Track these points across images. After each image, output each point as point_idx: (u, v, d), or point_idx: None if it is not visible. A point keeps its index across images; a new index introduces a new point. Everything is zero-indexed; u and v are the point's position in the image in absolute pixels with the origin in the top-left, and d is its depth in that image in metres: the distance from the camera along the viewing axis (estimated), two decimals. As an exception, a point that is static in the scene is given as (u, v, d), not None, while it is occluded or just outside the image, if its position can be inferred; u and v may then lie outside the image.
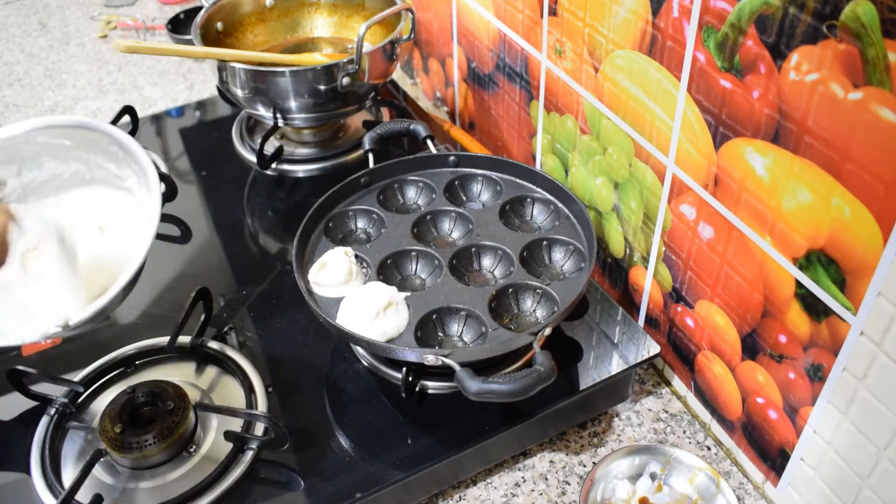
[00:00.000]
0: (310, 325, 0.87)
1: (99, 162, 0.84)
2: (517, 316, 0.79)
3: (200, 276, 0.98)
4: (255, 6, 1.20)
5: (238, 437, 0.74)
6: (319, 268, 0.79)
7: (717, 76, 0.65)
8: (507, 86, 1.05)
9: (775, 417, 0.72)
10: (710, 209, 0.72)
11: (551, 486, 0.79)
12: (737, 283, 0.71)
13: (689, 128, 0.71)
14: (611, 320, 0.86)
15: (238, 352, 0.84)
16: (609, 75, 0.81)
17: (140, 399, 0.75)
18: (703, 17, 0.65)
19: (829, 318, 0.62)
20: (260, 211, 1.09)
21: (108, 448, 0.72)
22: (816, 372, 0.65)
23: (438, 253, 0.83)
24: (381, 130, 1.00)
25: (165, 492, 0.71)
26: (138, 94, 1.45)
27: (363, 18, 1.21)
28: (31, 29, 1.70)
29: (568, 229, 0.86)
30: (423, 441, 0.75)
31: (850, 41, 0.52)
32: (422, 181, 0.94)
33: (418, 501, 0.77)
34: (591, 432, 0.84)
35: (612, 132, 0.83)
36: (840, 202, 0.57)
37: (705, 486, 0.75)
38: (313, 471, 0.73)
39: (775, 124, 0.61)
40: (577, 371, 0.81)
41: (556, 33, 0.88)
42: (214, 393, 0.81)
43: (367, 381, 0.82)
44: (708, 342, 0.79)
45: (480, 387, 0.66)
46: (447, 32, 1.20)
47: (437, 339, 0.77)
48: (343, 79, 1.01)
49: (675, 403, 0.87)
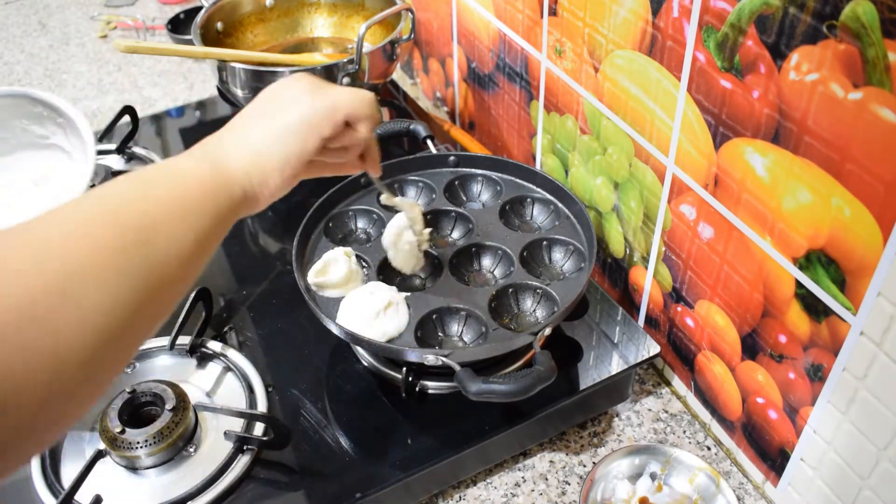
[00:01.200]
0: (310, 325, 0.87)
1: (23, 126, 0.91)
2: (517, 316, 0.79)
3: (200, 276, 0.97)
4: (255, 6, 1.20)
5: (238, 437, 0.74)
6: (319, 268, 0.79)
7: (717, 76, 0.65)
8: (507, 86, 1.05)
9: (775, 417, 0.72)
10: (710, 209, 0.72)
11: (551, 486, 0.79)
12: (737, 283, 0.71)
13: (689, 128, 0.71)
14: (611, 320, 0.86)
15: (238, 352, 0.84)
16: (609, 75, 0.80)
17: (140, 399, 0.75)
18: (703, 17, 0.65)
19: (829, 318, 0.62)
20: (260, 211, 1.09)
21: (108, 448, 0.72)
22: (816, 372, 0.65)
23: (438, 253, 0.83)
24: (381, 130, 1.00)
25: (165, 492, 0.71)
26: (138, 94, 1.45)
27: (363, 18, 1.21)
28: (31, 29, 1.70)
29: (568, 229, 0.86)
30: (423, 441, 0.75)
31: (850, 41, 0.52)
32: (422, 181, 0.94)
33: (418, 501, 0.77)
34: (591, 432, 0.84)
35: (612, 132, 0.83)
36: (840, 202, 0.57)
37: (705, 486, 0.75)
38: (313, 471, 0.73)
39: (775, 124, 0.61)
40: (577, 371, 0.81)
41: (556, 33, 0.88)
42: (214, 393, 0.81)
43: (367, 381, 0.82)
44: (708, 342, 0.79)
45: (480, 387, 0.66)
46: (447, 32, 1.20)
47: (437, 339, 0.77)
48: (343, 79, 1.01)
49: (675, 403, 0.87)
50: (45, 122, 0.90)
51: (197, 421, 0.77)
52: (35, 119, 0.90)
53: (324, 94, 0.59)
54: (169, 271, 0.46)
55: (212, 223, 0.51)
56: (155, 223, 0.46)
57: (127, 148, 1.16)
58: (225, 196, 0.53)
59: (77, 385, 0.40)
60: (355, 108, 0.60)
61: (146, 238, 0.45)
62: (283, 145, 0.57)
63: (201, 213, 0.50)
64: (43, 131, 0.91)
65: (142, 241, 0.45)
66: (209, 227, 0.50)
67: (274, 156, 0.56)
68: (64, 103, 0.88)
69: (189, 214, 0.49)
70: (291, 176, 0.58)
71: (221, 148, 0.55)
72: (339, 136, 0.60)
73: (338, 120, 0.59)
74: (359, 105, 0.60)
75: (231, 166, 0.54)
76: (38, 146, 0.92)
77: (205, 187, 0.51)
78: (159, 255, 0.45)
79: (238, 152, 0.55)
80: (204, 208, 0.50)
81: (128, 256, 0.43)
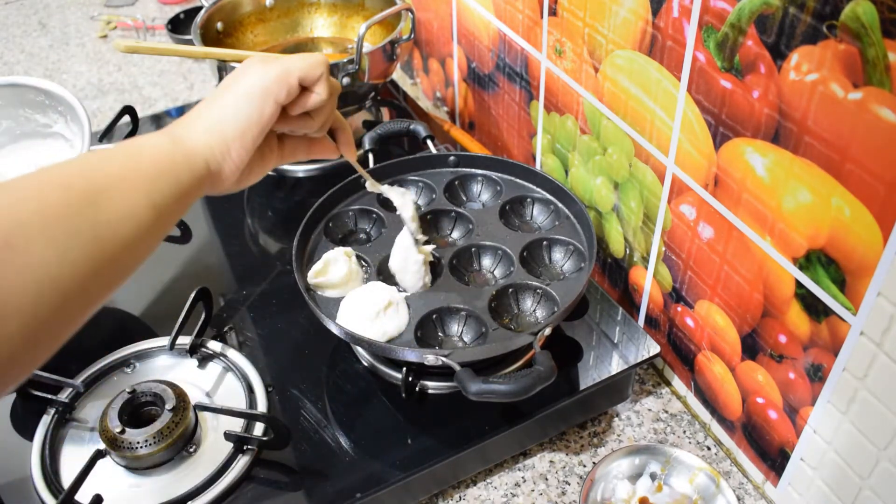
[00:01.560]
0: (310, 325, 0.87)
1: (27, 115, 0.94)
2: (517, 316, 0.79)
3: (200, 276, 0.98)
4: (255, 6, 1.20)
5: (238, 437, 0.74)
6: (319, 268, 0.79)
7: (717, 76, 0.65)
8: (507, 86, 1.05)
9: (775, 417, 0.72)
10: (710, 209, 0.72)
11: (551, 486, 0.79)
12: (737, 283, 0.71)
13: (689, 128, 0.71)
14: (611, 320, 0.86)
15: (238, 352, 0.84)
16: (609, 75, 0.80)
17: (140, 399, 0.75)
18: (703, 17, 0.65)
19: (829, 318, 0.62)
20: (260, 211, 1.09)
21: (108, 448, 0.72)
22: (816, 372, 0.65)
23: (438, 253, 0.83)
24: (381, 130, 1.00)
25: (165, 491, 0.71)
26: (138, 94, 1.45)
27: (363, 18, 1.21)
28: (31, 29, 1.70)
29: (568, 229, 0.86)
30: (423, 441, 0.75)
31: (850, 41, 0.52)
32: (422, 181, 0.94)
33: (418, 501, 0.77)
34: (591, 432, 0.84)
35: (612, 132, 0.83)
36: (840, 202, 0.57)
37: (705, 486, 0.75)
38: (313, 471, 0.73)
39: (775, 124, 0.61)
40: (577, 371, 0.81)
41: (556, 33, 0.88)
42: (214, 393, 0.81)
43: (367, 381, 0.82)
44: (708, 342, 0.79)
45: (480, 387, 0.66)
46: (447, 32, 1.20)
47: (437, 339, 0.77)
48: (343, 79, 1.01)
49: (675, 403, 0.87)
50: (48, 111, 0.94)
51: (197, 421, 0.77)
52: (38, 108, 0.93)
53: (276, 61, 0.61)
54: (121, 234, 0.48)
55: (171, 194, 0.52)
56: (106, 188, 0.48)
57: (127, 148, 1.16)
58: (185, 169, 0.54)
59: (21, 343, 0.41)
60: (307, 70, 0.60)
61: (95, 199, 0.47)
62: (240, 113, 0.58)
63: (157, 183, 0.52)
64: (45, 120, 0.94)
65: (90, 201, 0.46)
66: (168, 199, 0.52)
67: (232, 124, 0.58)
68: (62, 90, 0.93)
69: (144, 182, 0.51)
70: (253, 144, 0.59)
71: (183, 126, 0.57)
72: (297, 101, 0.61)
73: (292, 83, 0.60)
74: (310, 66, 0.61)
75: (193, 140, 0.56)
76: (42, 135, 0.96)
77: (162, 161, 0.53)
78: (110, 218, 0.47)
79: (199, 126, 0.57)
80: (161, 179, 0.52)
81: (76, 214, 0.46)
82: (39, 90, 0.93)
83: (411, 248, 0.78)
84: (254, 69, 0.60)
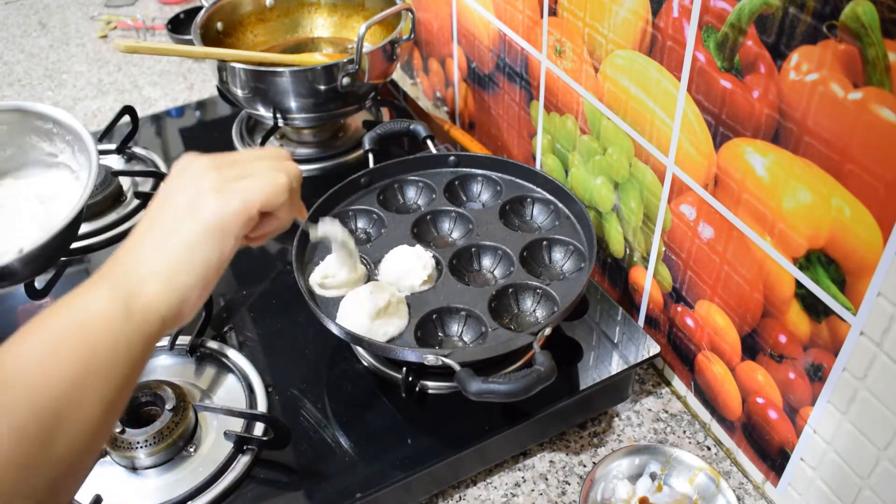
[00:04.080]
0: (310, 325, 0.87)
1: (33, 142, 0.91)
2: (517, 316, 0.79)
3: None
4: (255, 6, 1.20)
5: (238, 437, 0.74)
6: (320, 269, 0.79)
7: (717, 76, 0.65)
8: (507, 86, 1.05)
9: (775, 417, 0.72)
10: (710, 209, 0.72)
11: (551, 486, 0.79)
12: (737, 283, 0.71)
13: (689, 128, 0.71)
14: (611, 320, 0.86)
15: (238, 352, 0.84)
16: (609, 75, 0.80)
17: (140, 399, 0.75)
18: (703, 17, 0.65)
19: (829, 318, 0.62)
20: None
21: (108, 448, 0.72)
22: (816, 372, 0.65)
23: (438, 253, 0.83)
24: (381, 130, 1.00)
25: (165, 492, 0.71)
26: (138, 94, 1.45)
27: (363, 18, 1.21)
28: (31, 29, 1.70)
29: (568, 229, 0.86)
30: (423, 441, 0.75)
31: (850, 41, 0.52)
32: (422, 181, 0.94)
33: (418, 501, 0.77)
34: (591, 432, 0.84)
35: (612, 132, 0.83)
36: (840, 202, 0.57)
37: (705, 486, 0.75)
38: (313, 471, 0.73)
39: (775, 124, 0.61)
40: (577, 371, 0.81)
41: (556, 33, 0.88)
42: (214, 393, 0.81)
43: (367, 381, 0.82)
44: (708, 342, 0.79)
45: (480, 387, 0.66)
46: (447, 32, 1.20)
47: (437, 339, 0.77)
48: (343, 79, 1.01)
49: (675, 403, 0.87)
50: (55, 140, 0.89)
51: (197, 421, 0.77)
52: (44, 136, 0.90)
53: (230, 190, 0.53)
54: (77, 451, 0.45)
55: (125, 379, 0.47)
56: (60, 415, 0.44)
57: (127, 148, 1.16)
58: (139, 340, 0.48)
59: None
60: (269, 199, 0.54)
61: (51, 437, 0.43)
62: (196, 258, 0.52)
63: (112, 376, 0.46)
64: (52, 149, 0.90)
65: (46, 442, 0.43)
66: (122, 387, 0.47)
67: (189, 272, 0.52)
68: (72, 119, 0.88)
69: (98, 382, 0.46)
70: (212, 284, 0.53)
71: (134, 274, 0.51)
72: (257, 227, 0.56)
73: (252, 215, 0.53)
74: (272, 193, 0.54)
75: (146, 297, 0.50)
76: (47, 164, 0.91)
77: (117, 341, 0.47)
78: (67, 445, 0.44)
79: (152, 276, 0.50)
80: (117, 370, 0.47)
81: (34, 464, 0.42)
82: (48, 117, 0.89)
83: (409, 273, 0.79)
84: (207, 202, 0.52)
